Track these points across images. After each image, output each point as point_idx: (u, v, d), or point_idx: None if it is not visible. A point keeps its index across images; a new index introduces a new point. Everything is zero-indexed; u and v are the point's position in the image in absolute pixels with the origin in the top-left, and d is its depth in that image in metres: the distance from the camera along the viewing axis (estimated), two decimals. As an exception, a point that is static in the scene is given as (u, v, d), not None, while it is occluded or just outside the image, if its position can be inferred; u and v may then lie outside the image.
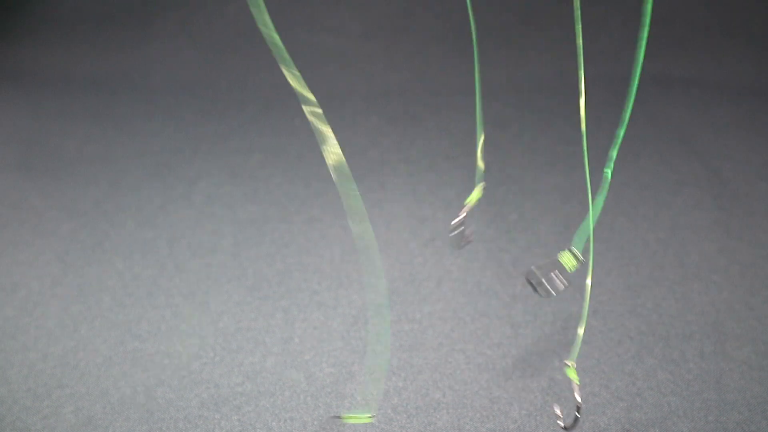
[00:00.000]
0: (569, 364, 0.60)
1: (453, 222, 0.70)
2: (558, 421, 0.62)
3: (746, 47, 1.38)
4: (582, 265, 0.61)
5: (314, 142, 0.59)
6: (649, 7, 0.53)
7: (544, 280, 0.60)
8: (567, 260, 0.61)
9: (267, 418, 0.67)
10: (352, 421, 0.64)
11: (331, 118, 0.54)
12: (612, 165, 0.64)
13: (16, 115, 1.20)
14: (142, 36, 1.38)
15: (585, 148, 0.60)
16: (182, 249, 0.89)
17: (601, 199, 0.61)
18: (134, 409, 0.68)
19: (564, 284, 0.61)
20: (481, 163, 0.66)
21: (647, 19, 0.54)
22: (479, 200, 0.67)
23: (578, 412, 0.60)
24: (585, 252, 0.62)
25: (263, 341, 0.76)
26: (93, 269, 0.86)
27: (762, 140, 1.12)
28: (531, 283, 0.61)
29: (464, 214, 0.69)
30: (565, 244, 0.89)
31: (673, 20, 1.44)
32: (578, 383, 0.59)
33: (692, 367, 0.72)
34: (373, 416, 0.66)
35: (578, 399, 0.60)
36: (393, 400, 0.69)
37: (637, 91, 1.23)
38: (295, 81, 0.51)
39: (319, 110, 0.50)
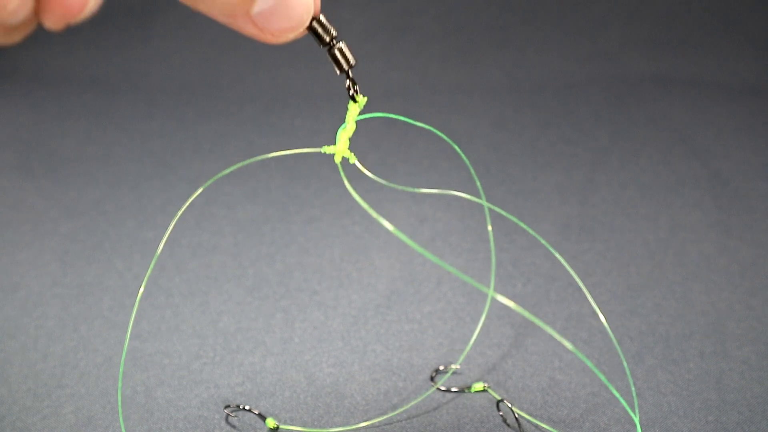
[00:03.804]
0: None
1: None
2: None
3: (746, 47, 1.38)
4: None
5: (314, 142, 0.59)
6: None
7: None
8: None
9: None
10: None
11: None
12: None
13: (16, 115, 1.21)
14: (142, 36, 1.39)
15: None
16: (182, 249, 0.89)
17: None
18: (134, 409, 0.68)
19: None
20: None
21: None
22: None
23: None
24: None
25: (263, 341, 0.76)
26: (93, 269, 0.86)
27: (762, 140, 1.12)
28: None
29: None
30: (565, 244, 0.90)
31: (673, 20, 1.44)
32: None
33: (692, 367, 0.72)
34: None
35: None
36: (393, 400, 0.69)
37: (637, 91, 1.24)
38: None
39: None
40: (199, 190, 0.54)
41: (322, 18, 0.46)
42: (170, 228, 0.57)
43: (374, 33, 1.42)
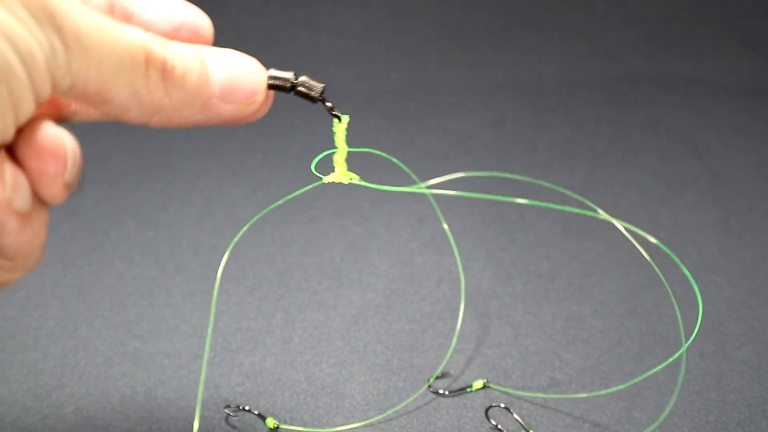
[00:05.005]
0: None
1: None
2: None
3: (746, 47, 1.38)
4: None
5: (314, 141, 0.59)
6: None
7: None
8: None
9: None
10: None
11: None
12: None
13: (16, 115, 1.20)
14: (142, 36, 1.38)
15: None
16: (182, 249, 0.89)
17: None
18: (134, 409, 0.68)
19: None
20: None
21: None
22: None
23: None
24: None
25: (263, 341, 0.76)
26: (93, 269, 0.86)
27: (762, 140, 1.12)
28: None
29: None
30: (565, 244, 0.90)
31: (673, 20, 1.44)
32: None
33: (692, 367, 0.72)
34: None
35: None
36: (393, 400, 0.69)
37: (638, 91, 1.24)
38: None
39: None
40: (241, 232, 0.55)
41: (273, 71, 0.48)
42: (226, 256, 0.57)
43: (374, 33, 1.42)
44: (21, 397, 0.69)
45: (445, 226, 0.81)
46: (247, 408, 0.67)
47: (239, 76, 0.46)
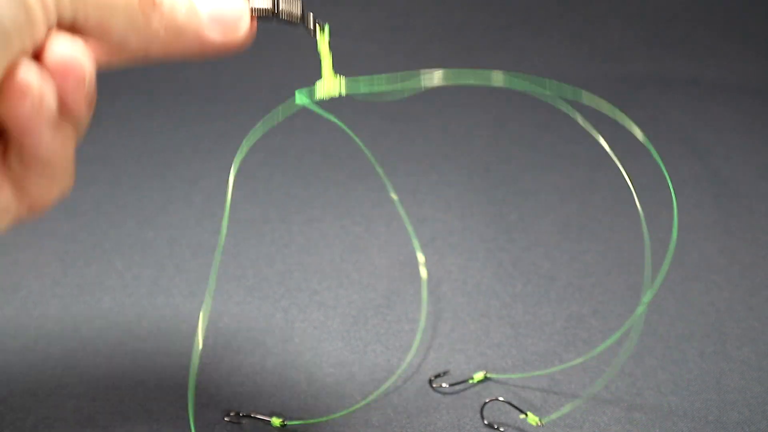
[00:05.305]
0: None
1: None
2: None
3: (746, 47, 1.38)
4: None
5: (313, 141, 0.60)
6: None
7: None
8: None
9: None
10: None
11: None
12: None
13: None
14: (142, 36, 1.38)
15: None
16: (182, 249, 0.89)
17: None
18: (134, 409, 0.68)
19: None
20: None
21: None
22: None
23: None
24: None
25: (263, 341, 0.76)
26: (93, 269, 0.86)
27: (762, 140, 1.12)
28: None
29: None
30: (565, 244, 0.90)
31: (673, 20, 1.44)
32: None
33: (692, 367, 0.72)
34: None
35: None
36: (393, 400, 0.69)
37: (638, 91, 1.23)
38: None
39: None
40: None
41: (252, 3, 0.51)
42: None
43: (374, 33, 1.42)
44: (21, 397, 0.69)
45: (394, 196, 0.82)
46: (242, 414, 0.67)
47: (223, 4, 0.50)
